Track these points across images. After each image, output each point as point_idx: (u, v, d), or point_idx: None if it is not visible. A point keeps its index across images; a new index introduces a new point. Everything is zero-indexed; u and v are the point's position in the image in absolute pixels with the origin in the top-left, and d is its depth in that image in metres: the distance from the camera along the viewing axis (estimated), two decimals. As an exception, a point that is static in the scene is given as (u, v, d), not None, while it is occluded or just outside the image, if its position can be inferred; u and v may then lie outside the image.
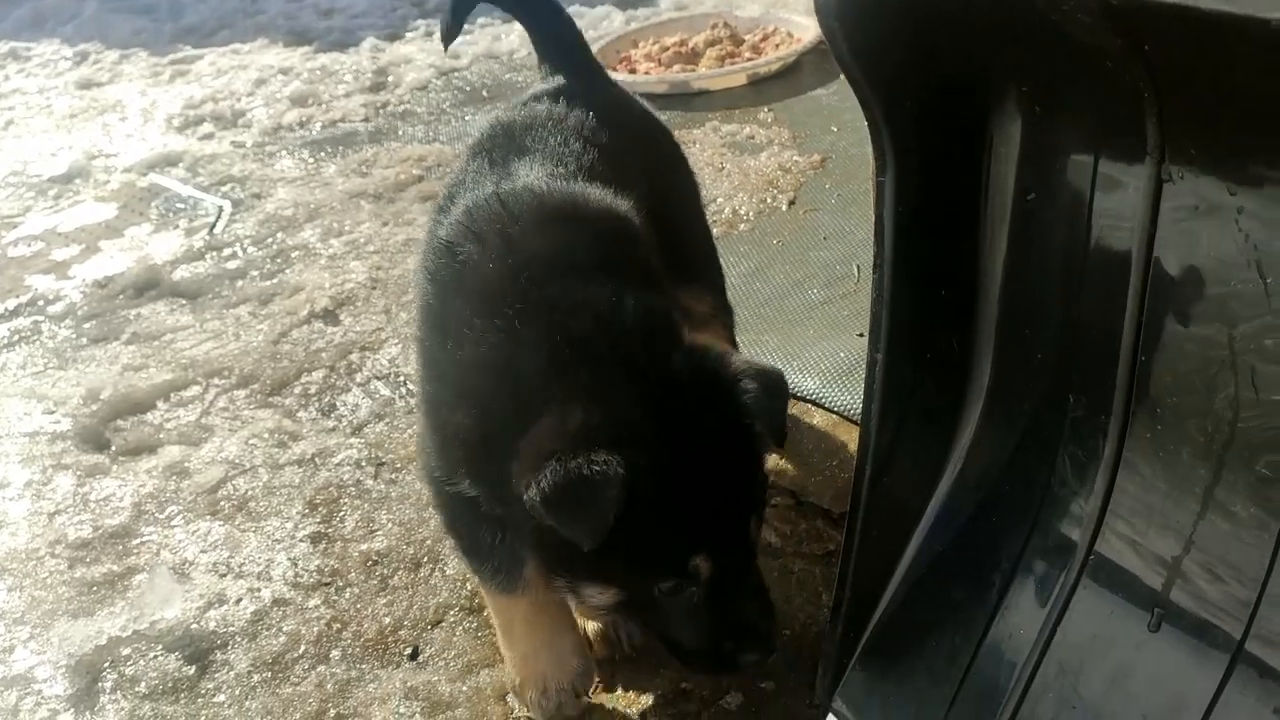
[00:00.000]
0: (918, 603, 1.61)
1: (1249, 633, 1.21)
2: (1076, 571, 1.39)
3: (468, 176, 1.95)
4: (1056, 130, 1.36)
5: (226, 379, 2.92)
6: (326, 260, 3.49)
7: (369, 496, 2.43)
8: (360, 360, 2.95)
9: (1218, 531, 1.26)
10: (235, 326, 3.18)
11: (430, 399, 1.78)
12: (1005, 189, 1.46)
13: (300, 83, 5.08)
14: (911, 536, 1.64)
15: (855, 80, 1.41)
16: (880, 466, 1.59)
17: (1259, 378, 1.21)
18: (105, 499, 2.49)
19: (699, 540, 1.53)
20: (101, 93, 5.37)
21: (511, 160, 1.92)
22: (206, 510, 2.44)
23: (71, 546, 2.34)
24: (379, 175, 4.06)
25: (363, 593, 2.16)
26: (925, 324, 1.55)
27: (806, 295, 2.87)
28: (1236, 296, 1.21)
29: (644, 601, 1.59)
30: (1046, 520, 1.45)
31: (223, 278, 3.47)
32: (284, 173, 4.24)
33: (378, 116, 4.71)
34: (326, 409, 2.77)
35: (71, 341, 3.21)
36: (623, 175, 1.91)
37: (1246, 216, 1.18)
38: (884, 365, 1.53)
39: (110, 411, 2.81)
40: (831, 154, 3.65)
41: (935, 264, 1.53)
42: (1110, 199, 1.34)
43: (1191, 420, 1.29)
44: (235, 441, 2.65)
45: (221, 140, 4.62)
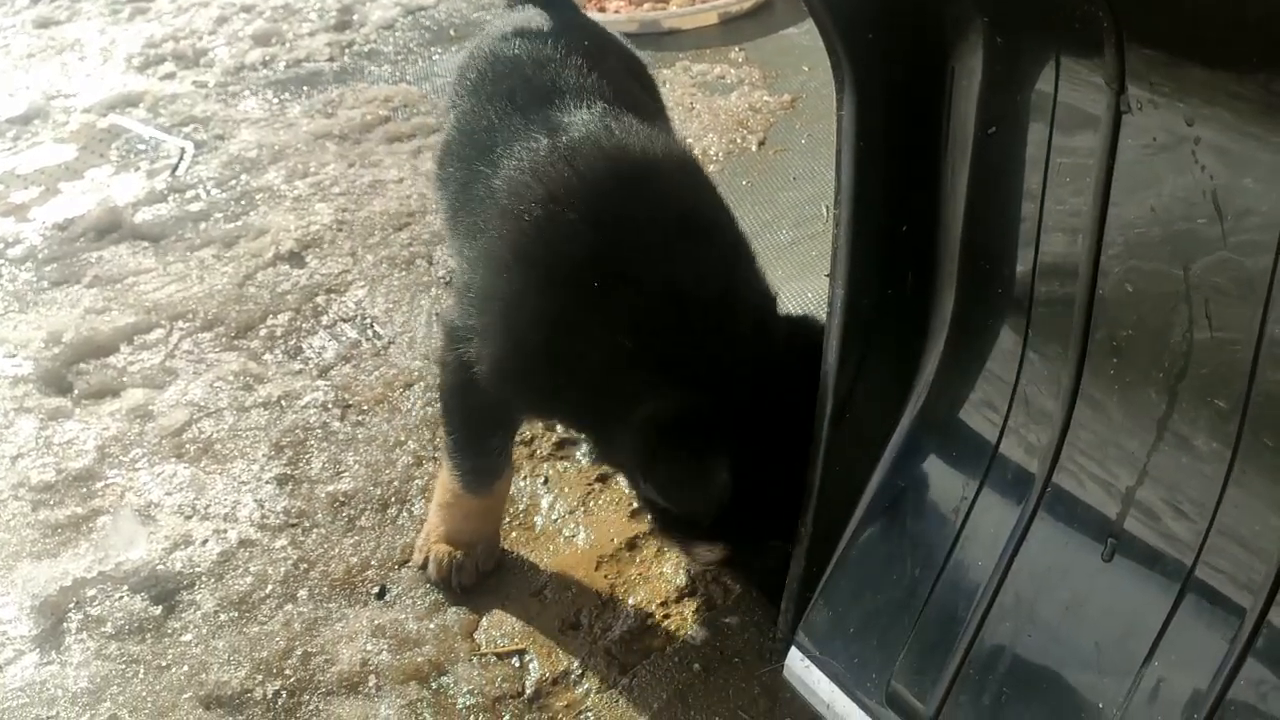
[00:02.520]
0: (879, 536, 1.63)
1: (1198, 561, 1.23)
2: (1034, 503, 1.41)
3: (496, 122, 1.92)
4: (1017, 62, 1.35)
5: (190, 322, 2.88)
6: (291, 202, 3.44)
7: (335, 439, 2.42)
8: (326, 302, 2.92)
9: (1173, 462, 1.28)
10: (199, 269, 3.14)
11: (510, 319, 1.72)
12: (967, 123, 1.45)
13: (263, 21, 4.97)
14: (873, 472, 1.65)
15: (816, 11, 1.39)
16: (841, 403, 1.59)
17: (1213, 312, 1.22)
18: (68, 442, 2.47)
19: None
20: (60, 31, 5.24)
21: (542, 103, 1.89)
22: (171, 453, 2.42)
23: (34, 489, 2.32)
24: (344, 116, 3.99)
25: (329, 533, 2.16)
26: (886, 260, 1.55)
27: (775, 236, 2.86)
28: (1193, 231, 1.21)
29: (752, 557, 1.73)
30: (1005, 453, 1.47)
31: (186, 220, 3.41)
32: (247, 113, 4.16)
33: (343, 56, 4.62)
34: (292, 351, 2.75)
35: (32, 285, 3.16)
36: (630, 107, 1.92)
37: (1204, 148, 1.17)
38: (844, 302, 1.53)
39: (72, 355, 2.77)
40: (802, 94, 3.62)
41: (896, 199, 1.52)
42: (1070, 132, 1.33)
43: (1147, 354, 1.30)
44: (200, 384, 2.63)
45: (183, 80, 4.52)
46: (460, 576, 1.98)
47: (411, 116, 3.96)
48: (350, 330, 2.81)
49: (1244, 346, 1.16)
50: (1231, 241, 1.19)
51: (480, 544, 2.01)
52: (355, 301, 2.92)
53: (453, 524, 2.00)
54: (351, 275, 3.03)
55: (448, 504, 2.00)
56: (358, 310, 2.88)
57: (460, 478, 1.94)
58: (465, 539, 2.00)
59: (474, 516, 2.00)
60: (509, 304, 1.71)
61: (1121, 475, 1.31)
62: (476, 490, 1.95)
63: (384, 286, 2.96)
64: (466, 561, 1.99)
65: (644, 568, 2.02)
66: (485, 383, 1.75)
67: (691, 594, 1.94)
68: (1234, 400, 1.17)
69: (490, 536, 2.04)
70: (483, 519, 2.02)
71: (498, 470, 1.95)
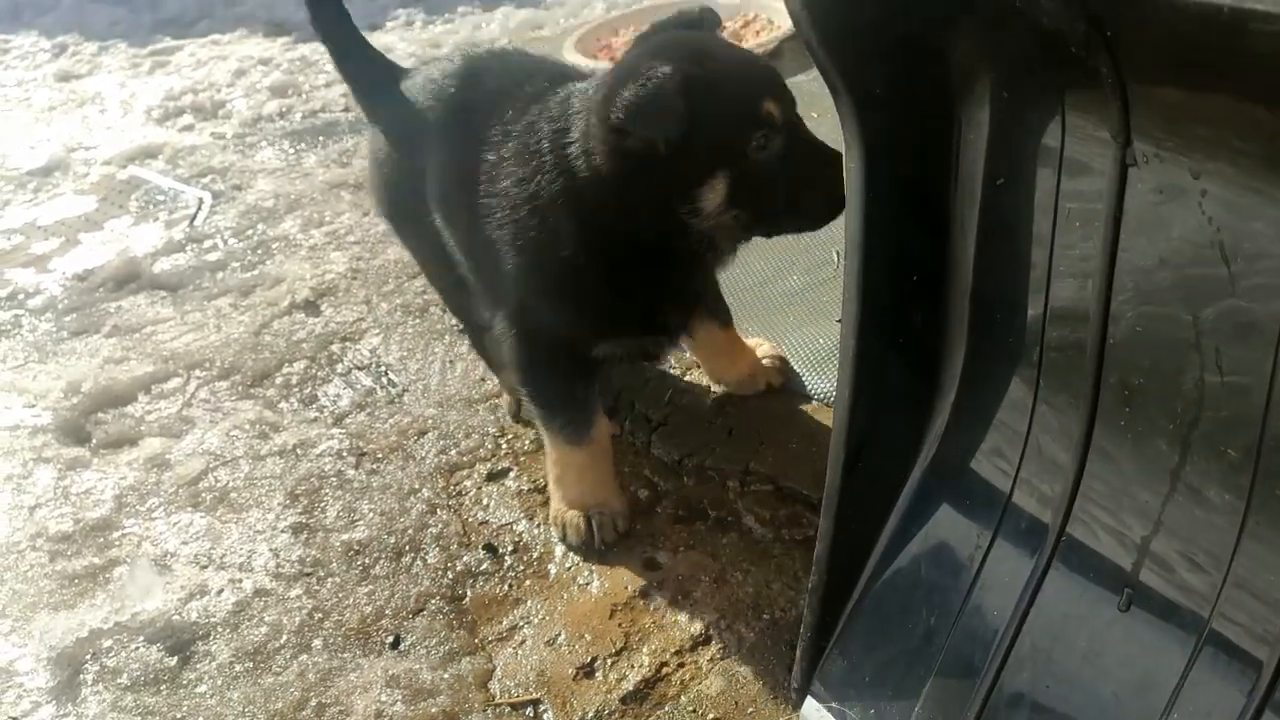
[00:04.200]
0: (893, 585, 1.63)
1: (1214, 613, 1.23)
2: (1048, 553, 1.41)
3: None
4: (1023, 116, 1.37)
5: (208, 371, 2.91)
6: (307, 251, 3.49)
7: (350, 486, 2.44)
8: (341, 350, 2.95)
9: (1186, 514, 1.28)
10: (216, 318, 3.17)
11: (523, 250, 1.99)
12: (974, 174, 1.47)
13: (280, 73, 5.07)
14: (887, 520, 1.65)
15: (824, 67, 1.42)
16: (855, 451, 1.60)
17: (1224, 361, 1.22)
18: (86, 492, 2.49)
19: (763, 90, 1.82)
20: (81, 85, 5.35)
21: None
22: (188, 502, 2.44)
23: (52, 540, 2.34)
24: (359, 165, 4.05)
25: (344, 582, 2.17)
26: (897, 309, 1.56)
27: (787, 282, 2.88)
28: (1201, 280, 1.22)
29: (750, 175, 1.82)
30: (1018, 503, 1.47)
31: (203, 269, 3.46)
32: (264, 164, 4.23)
33: (358, 106, 4.69)
34: (308, 399, 2.78)
35: (52, 335, 3.20)
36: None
37: (1210, 200, 1.19)
38: (856, 351, 1.54)
39: (91, 404, 2.80)
40: (812, 141, 3.65)
41: (906, 249, 1.54)
42: (1077, 184, 1.35)
43: (1159, 403, 1.30)
44: (216, 433, 2.65)
45: (201, 131, 4.61)
46: (601, 534, 2.13)
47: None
48: (365, 378, 2.83)
49: (1255, 394, 1.16)
50: (1241, 288, 1.19)
51: (607, 503, 2.17)
52: (370, 349, 2.94)
53: (571, 488, 2.17)
54: (366, 323, 3.06)
55: (559, 472, 2.18)
56: (372, 358, 2.91)
57: (559, 434, 2.14)
58: (589, 499, 2.16)
59: (586, 471, 2.16)
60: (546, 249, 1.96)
61: (1135, 526, 1.31)
62: (577, 440, 2.13)
63: (398, 334, 2.99)
64: (603, 519, 2.14)
65: (658, 616, 2.01)
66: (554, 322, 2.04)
67: (706, 642, 1.93)
68: (1245, 451, 1.17)
69: (614, 495, 2.19)
70: (595, 472, 2.17)
71: (590, 418, 2.13)
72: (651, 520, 2.22)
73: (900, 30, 1.38)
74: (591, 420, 2.14)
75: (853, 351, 1.56)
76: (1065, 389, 1.40)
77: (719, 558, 2.09)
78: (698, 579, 2.05)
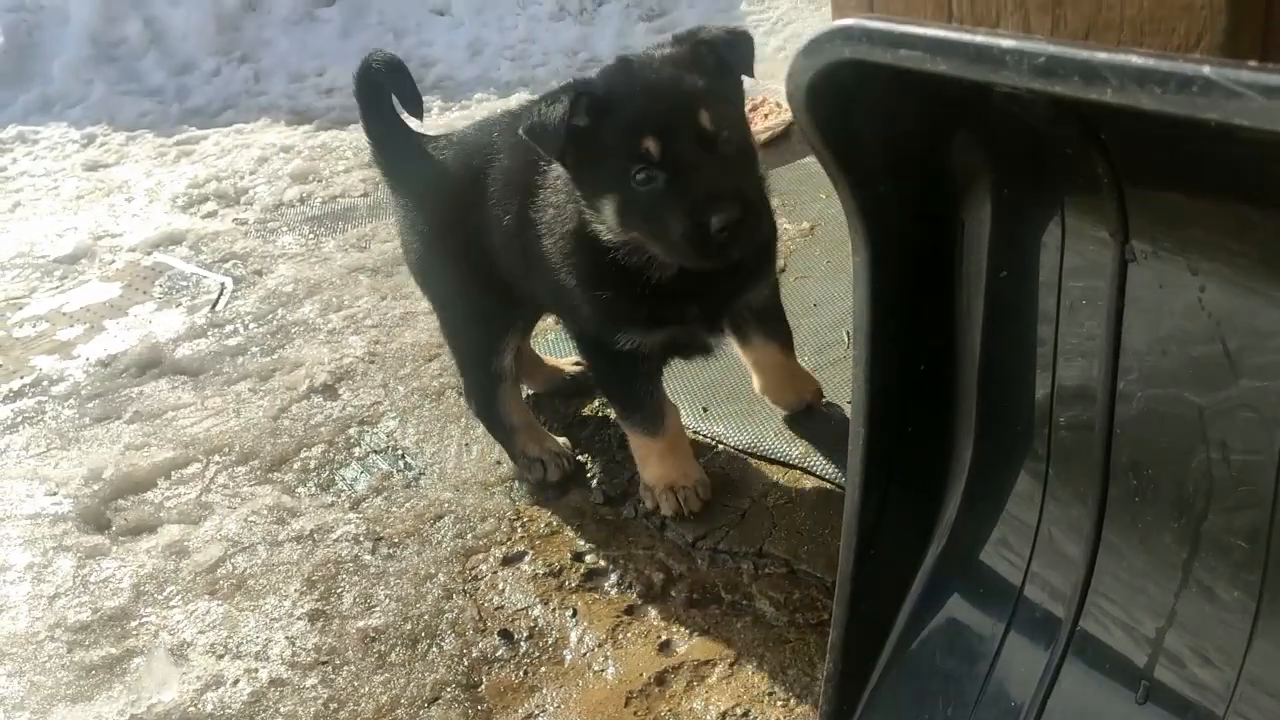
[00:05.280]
0: (909, 673, 1.62)
1: (1230, 711, 1.22)
2: (1062, 647, 1.40)
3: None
4: (1024, 212, 1.40)
5: (227, 456, 2.95)
6: (325, 335, 3.54)
7: (367, 572, 2.45)
8: (358, 434, 2.98)
9: (1197, 610, 1.28)
10: (236, 403, 3.22)
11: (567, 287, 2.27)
12: (979, 267, 1.50)
13: (301, 160, 5.19)
14: (901, 606, 1.65)
15: (829, 166, 1.45)
16: (866, 539, 1.60)
17: (1230, 451, 1.24)
18: (105, 580, 2.51)
19: (644, 127, 1.95)
20: (108, 174, 5.48)
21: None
22: (205, 589, 2.45)
23: (71, 630, 2.35)
24: (377, 249, 4.12)
25: (360, 670, 2.17)
26: (905, 398, 1.58)
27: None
28: (1204, 372, 1.24)
29: (632, 202, 2.00)
30: (1030, 595, 1.47)
31: (224, 355, 3.52)
32: (285, 249, 4.31)
33: (376, 191, 4.79)
34: (325, 484, 2.80)
35: (74, 421, 3.25)
36: None
37: (1209, 295, 1.21)
38: (866, 439, 1.56)
39: (112, 491, 2.83)
40: (821, 221, 3.71)
41: (912, 339, 1.56)
42: (1078, 277, 1.38)
43: (1167, 497, 1.31)
44: (234, 519, 2.67)
45: (224, 218, 4.71)
46: (688, 505, 2.39)
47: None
48: (382, 462, 2.86)
49: (1262, 490, 1.17)
50: (1243, 386, 1.21)
51: (692, 477, 2.42)
52: (387, 433, 2.98)
53: (655, 469, 2.43)
54: (383, 407, 3.09)
55: (643, 456, 2.45)
56: (389, 441, 2.94)
57: (637, 428, 2.42)
58: (675, 477, 2.41)
59: (666, 455, 2.42)
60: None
61: (1146, 621, 1.31)
62: (652, 433, 2.41)
63: (415, 418, 3.02)
64: (688, 492, 2.40)
65: (674, 703, 2.00)
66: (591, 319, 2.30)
67: (722, 732, 1.92)
68: (1253, 547, 1.17)
69: (695, 470, 2.45)
70: (674, 455, 2.43)
71: (658, 412, 2.39)
72: (666, 605, 2.22)
73: (901, 133, 1.42)
74: (661, 414, 2.39)
75: (862, 439, 1.58)
76: (1073, 482, 1.41)
77: (734, 643, 2.09)
78: (713, 665, 2.05)
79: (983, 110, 1.33)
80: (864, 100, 1.41)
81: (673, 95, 2.01)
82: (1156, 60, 0.88)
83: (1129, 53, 0.90)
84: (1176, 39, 1.27)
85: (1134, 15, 1.36)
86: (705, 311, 2.31)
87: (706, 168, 1.97)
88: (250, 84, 6.54)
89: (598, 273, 2.20)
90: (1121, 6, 1.34)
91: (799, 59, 1.22)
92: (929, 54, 1.07)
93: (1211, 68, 0.85)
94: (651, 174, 1.97)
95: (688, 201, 1.95)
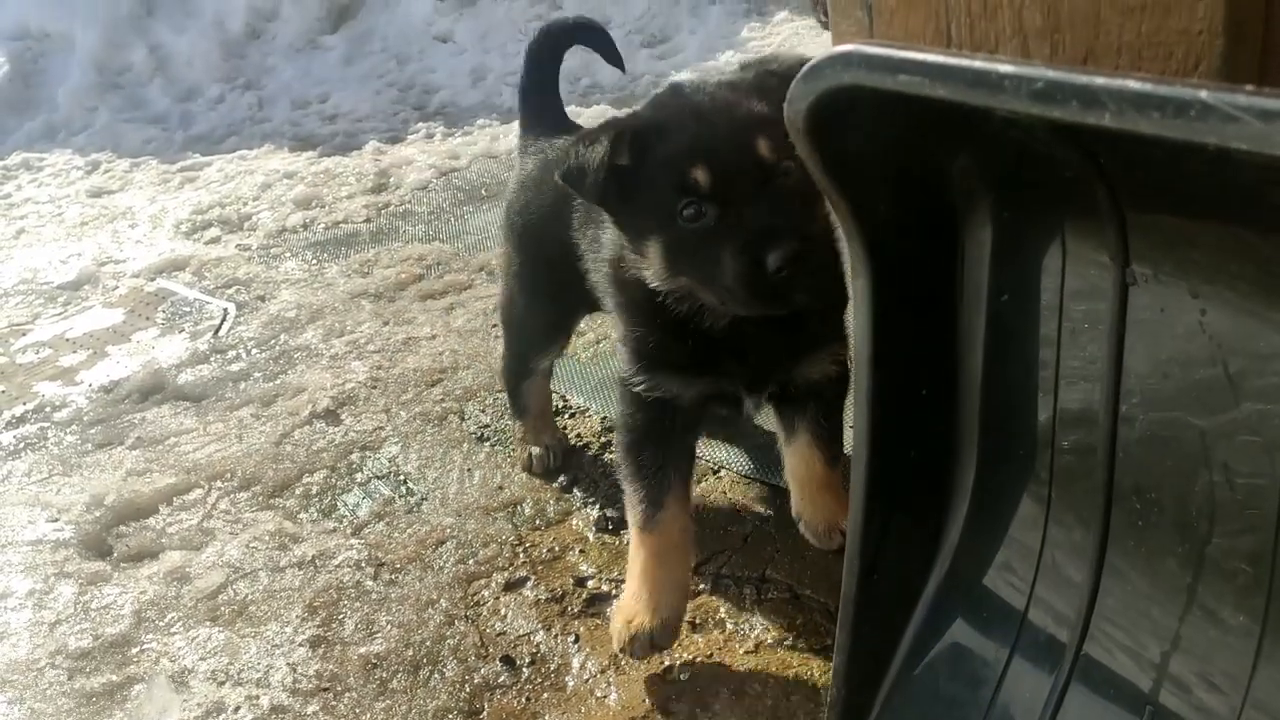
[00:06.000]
0: (913, 700, 1.61)
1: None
2: (1067, 672, 1.40)
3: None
4: (1024, 235, 1.41)
5: (228, 482, 2.94)
6: (328, 361, 3.55)
7: (368, 598, 2.44)
8: (360, 460, 2.98)
9: (1202, 635, 1.27)
10: (238, 428, 3.22)
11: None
12: (979, 290, 1.50)
13: (304, 186, 5.22)
14: (905, 631, 1.64)
15: (828, 190, 1.46)
16: (869, 563, 1.60)
17: (1233, 475, 1.24)
18: (106, 607, 2.50)
19: (693, 156, 1.76)
20: (112, 200, 5.51)
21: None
22: (206, 616, 2.44)
23: (71, 656, 2.34)
24: (380, 275, 4.14)
25: (361, 697, 2.16)
26: (907, 423, 1.58)
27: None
28: (1206, 395, 1.24)
29: (680, 242, 1.81)
30: (1034, 619, 1.46)
31: (226, 380, 3.52)
32: (287, 274, 4.33)
33: (379, 217, 4.82)
34: (327, 510, 2.80)
35: (76, 448, 3.25)
36: None
37: (1210, 318, 1.21)
38: (869, 463, 1.56)
39: (113, 517, 2.83)
40: (823, 246, 3.72)
41: (914, 363, 1.56)
42: (1079, 300, 1.38)
43: (1170, 521, 1.31)
44: (236, 545, 2.67)
45: (227, 244, 4.73)
46: (635, 651, 2.02)
47: (444, 274, 4.11)
48: (384, 487, 2.85)
49: (1267, 514, 1.17)
50: (1245, 409, 1.21)
51: (660, 615, 2.01)
52: (389, 458, 2.97)
53: (632, 582, 2.06)
54: (385, 432, 3.09)
55: (631, 558, 2.09)
56: (391, 467, 2.93)
57: (631, 513, 2.09)
58: (644, 604, 2.01)
59: (648, 569, 2.04)
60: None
61: (1151, 645, 1.30)
62: (643, 524, 2.06)
63: (417, 443, 3.02)
64: (643, 638, 2.00)
65: (677, 731, 1.99)
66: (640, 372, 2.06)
67: (726, 759, 1.91)
68: (1258, 572, 1.17)
69: (667, 607, 2.02)
70: (660, 572, 2.03)
71: (659, 496, 2.04)
72: (669, 631, 2.20)
73: (901, 157, 1.43)
74: (661, 502, 2.05)
75: (865, 463, 1.57)
76: (1076, 505, 1.41)
77: (737, 668, 2.08)
78: (716, 691, 2.04)
79: (982, 134, 1.34)
80: (863, 125, 1.42)
81: (727, 120, 1.80)
82: (1154, 85, 0.89)
83: (1127, 77, 0.91)
84: (1174, 63, 1.28)
85: (1132, 40, 1.37)
86: (754, 368, 2.06)
87: (763, 201, 1.74)
88: (254, 111, 6.60)
89: (641, 316, 2.02)
90: (1119, 31, 1.35)
91: (799, 84, 1.23)
92: (928, 79, 1.08)
93: (1209, 92, 0.85)
94: (701, 209, 1.76)
95: (741, 238, 1.73)
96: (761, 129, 1.75)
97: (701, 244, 1.78)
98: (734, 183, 1.75)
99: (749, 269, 1.72)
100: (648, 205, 1.85)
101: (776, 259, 1.69)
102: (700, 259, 1.80)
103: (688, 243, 1.80)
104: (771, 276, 1.70)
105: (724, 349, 1.99)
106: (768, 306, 1.81)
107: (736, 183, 1.75)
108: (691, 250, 1.81)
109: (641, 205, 1.86)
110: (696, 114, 1.84)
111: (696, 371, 2.03)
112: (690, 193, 1.77)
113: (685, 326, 1.95)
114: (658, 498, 2.05)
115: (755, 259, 1.71)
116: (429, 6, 7.32)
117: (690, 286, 1.88)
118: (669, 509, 2.05)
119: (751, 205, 1.74)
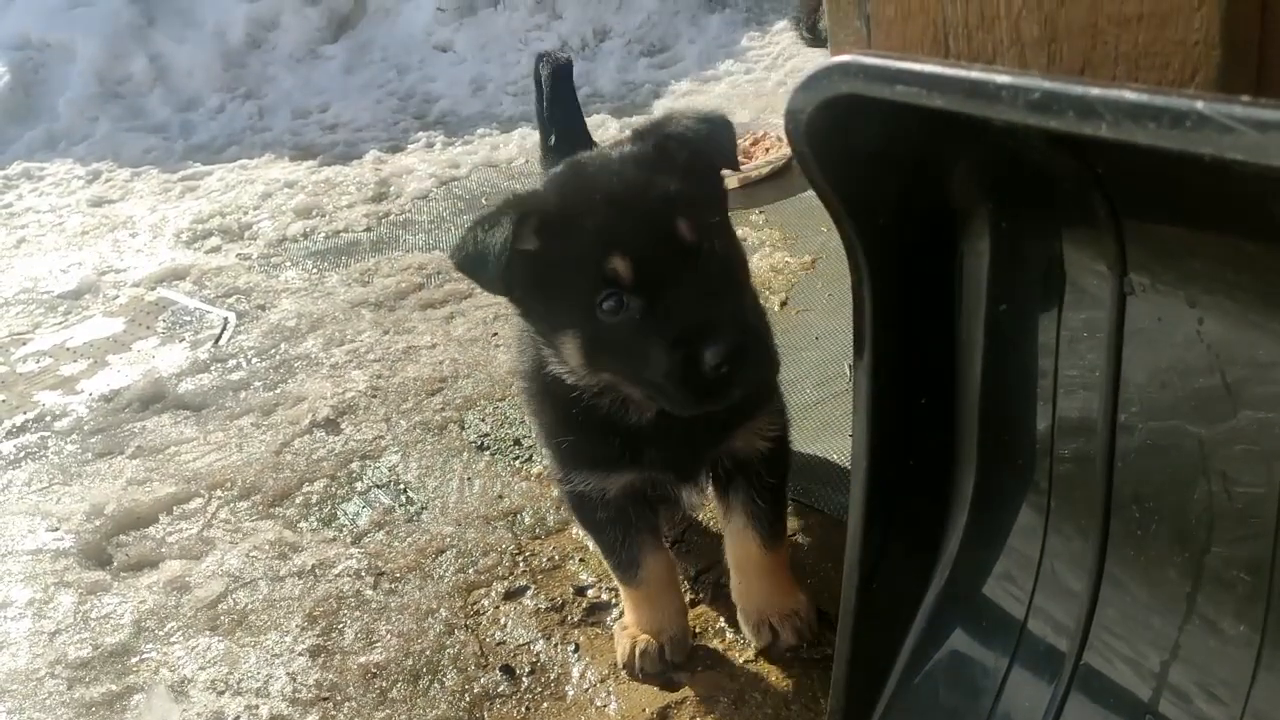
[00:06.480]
0: (913, 710, 1.61)
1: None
2: (1066, 681, 1.39)
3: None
4: (1023, 245, 1.41)
5: (229, 491, 2.94)
6: (328, 370, 3.55)
7: (368, 607, 2.44)
8: (360, 469, 2.98)
9: (1202, 644, 1.27)
10: (238, 438, 3.22)
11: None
12: (978, 300, 1.50)
13: (305, 195, 5.23)
14: (904, 641, 1.64)
15: (828, 199, 1.46)
16: (869, 572, 1.60)
17: (1232, 483, 1.24)
18: (105, 616, 2.50)
19: (611, 244, 1.61)
20: (113, 210, 5.52)
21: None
22: (206, 625, 2.44)
23: (71, 666, 2.34)
24: (380, 284, 4.14)
25: (361, 707, 2.15)
26: (907, 431, 1.58)
27: (800, 395, 2.90)
28: (1204, 404, 1.24)
29: (600, 337, 1.67)
30: (1033, 629, 1.46)
31: (226, 389, 3.52)
32: (288, 283, 4.33)
33: (379, 226, 4.83)
34: (327, 519, 2.80)
35: (76, 457, 3.25)
36: None
37: (1208, 327, 1.22)
38: (868, 472, 1.56)
39: (113, 527, 2.83)
40: (822, 254, 3.73)
41: (913, 372, 1.56)
42: (1077, 309, 1.38)
43: (1169, 530, 1.31)
44: (236, 554, 2.67)
45: (228, 253, 4.74)
46: (641, 664, 2.10)
47: (444, 283, 4.11)
48: (384, 496, 2.85)
49: (1266, 522, 1.17)
50: (1243, 417, 1.21)
51: (666, 633, 2.11)
52: (389, 467, 2.97)
53: (630, 613, 2.18)
54: (385, 441, 3.09)
55: (624, 596, 2.20)
56: (391, 476, 2.93)
57: (614, 573, 2.18)
58: (644, 626, 2.13)
59: (641, 604, 2.15)
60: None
61: (1150, 655, 1.30)
62: (626, 581, 2.14)
63: (417, 452, 3.02)
64: (652, 652, 2.10)
65: (677, 741, 1.99)
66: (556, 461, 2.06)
67: (726, 769, 1.91)
68: (1257, 581, 1.17)
69: (672, 624, 2.13)
70: (650, 605, 2.13)
71: (635, 561, 2.09)
72: (669, 640, 2.20)
73: (899, 166, 1.43)
74: (638, 563, 2.09)
75: (864, 473, 1.57)
76: (1075, 514, 1.41)
77: (737, 677, 2.07)
78: (716, 700, 2.03)
79: (980, 144, 1.35)
80: (862, 134, 1.42)
81: (642, 203, 1.64)
82: (1150, 95, 0.89)
83: (1123, 88, 0.91)
84: (1171, 74, 1.28)
85: (1129, 50, 1.37)
86: (678, 458, 1.95)
87: (690, 288, 1.61)
88: (254, 120, 6.62)
89: (557, 412, 1.92)
90: (1116, 42, 1.35)
91: (797, 94, 1.23)
92: (925, 89, 1.08)
93: (1205, 103, 0.85)
94: (622, 301, 1.61)
95: (672, 332, 1.60)
96: (679, 209, 1.64)
97: (626, 338, 1.64)
98: (657, 270, 1.61)
99: (682, 366, 1.60)
100: (561, 296, 1.70)
101: (715, 355, 1.57)
102: (625, 354, 1.67)
103: (610, 337, 1.66)
104: (709, 374, 1.58)
105: (648, 441, 1.89)
106: (704, 404, 1.67)
107: (659, 270, 1.61)
108: (615, 345, 1.67)
109: (553, 296, 1.71)
110: (608, 196, 1.66)
111: (620, 466, 1.95)
112: (610, 284, 1.61)
113: (607, 421, 1.85)
114: (633, 559, 2.10)
115: (689, 355, 1.59)
116: (429, 16, 7.34)
117: (613, 382, 1.78)
118: (646, 565, 2.11)
119: (679, 294, 1.61)
